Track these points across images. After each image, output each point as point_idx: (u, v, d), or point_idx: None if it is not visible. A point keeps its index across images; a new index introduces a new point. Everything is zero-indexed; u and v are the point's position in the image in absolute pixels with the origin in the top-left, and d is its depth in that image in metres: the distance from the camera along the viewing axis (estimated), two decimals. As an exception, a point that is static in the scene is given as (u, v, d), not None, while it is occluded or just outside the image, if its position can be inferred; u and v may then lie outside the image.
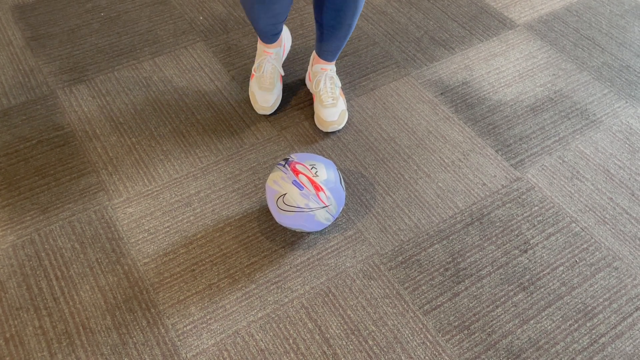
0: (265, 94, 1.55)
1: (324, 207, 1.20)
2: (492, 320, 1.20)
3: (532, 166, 1.48)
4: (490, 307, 1.22)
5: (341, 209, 1.28)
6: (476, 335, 1.18)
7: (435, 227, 1.35)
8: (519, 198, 1.41)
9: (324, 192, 1.20)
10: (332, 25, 1.38)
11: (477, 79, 1.70)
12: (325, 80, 1.54)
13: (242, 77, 1.68)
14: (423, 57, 1.76)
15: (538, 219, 1.37)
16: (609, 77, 1.72)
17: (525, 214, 1.38)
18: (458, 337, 1.17)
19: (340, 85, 1.56)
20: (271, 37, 1.49)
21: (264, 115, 1.57)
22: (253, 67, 1.60)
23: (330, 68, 1.54)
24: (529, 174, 1.46)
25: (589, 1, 1.98)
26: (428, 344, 1.16)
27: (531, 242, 1.33)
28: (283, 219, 1.24)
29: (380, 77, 1.70)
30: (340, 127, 1.53)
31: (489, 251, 1.31)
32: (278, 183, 1.23)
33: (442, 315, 1.20)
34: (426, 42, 1.81)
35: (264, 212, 1.36)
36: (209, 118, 1.57)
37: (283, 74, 1.63)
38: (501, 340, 1.17)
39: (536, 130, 1.57)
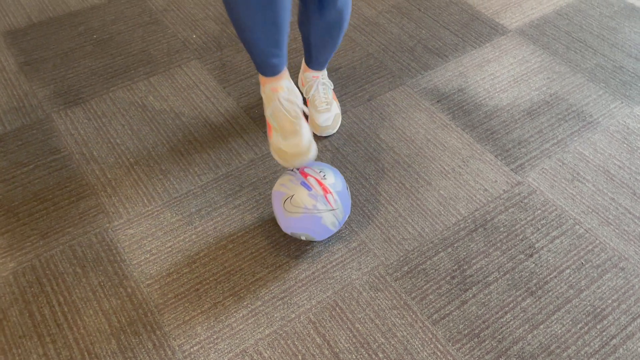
0: (293, 139, 1.23)
1: (331, 209, 1.20)
2: (501, 327, 1.19)
3: (532, 170, 1.48)
4: (499, 313, 1.21)
5: (347, 216, 1.27)
6: (487, 342, 1.17)
7: (439, 235, 1.34)
8: (521, 202, 1.41)
9: (332, 195, 1.20)
10: (318, 43, 1.39)
11: (473, 86, 1.70)
12: (317, 86, 1.55)
13: (238, 93, 1.68)
14: (417, 66, 1.77)
15: (541, 222, 1.37)
16: (603, 78, 1.72)
17: (528, 218, 1.37)
18: (469, 345, 1.16)
19: (332, 87, 1.58)
20: (275, 59, 1.22)
21: (297, 167, 1.27)
22: (267, 121, 1.30)
23: (322, 75, 1.56)
24: (529, 177, 1.46)
25: (578, 4, 2.00)
26: (439, 353, 1.15)
27: (536, 246, 1.32)
28: (289, 222, 1.22)
29: (376, 88, 1.70)
30: (334, 130, 1.55)
31: (495, 257, 1.30)
32: (286, 185, 1.22)
33: (452, 324, 1.19)
34: (420, 51, 1.82)
35: (267, 228, 1.35)
36: (206, 135, 1.56)
37: (305, 108, 1.32)
38: (512, 347, 1.16)
39: (534, 134, 1.57)
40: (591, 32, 1.89)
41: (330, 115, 1.54)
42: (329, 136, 1.54)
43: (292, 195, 1.20)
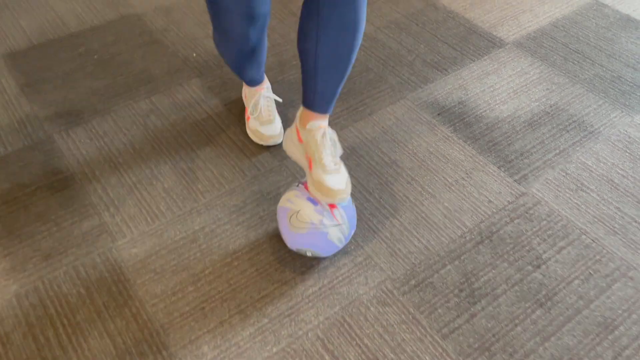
0: (269, 127, 1.55)
1: (337, 225, 1.19)
2: (512, 340, 1.18)
3: (536, 180, 1.48)
4: (509, 326, 1.20)
5: (353, 232, 1.26)
6: (498, 356, 1.15)
7: (445, 248, 1.33)
8: (527, 213, 1.40)
9: (338, 210, 1.20)
10: (326, 61, 1.14)
11: (473, 98, 1.71)
12: (325, 141, 1.22)
13: (240, 109, 1.68)
14: (417, 80, 1.77)
15: (548, 232, 1.36)
16: (602, 89, 1.73)
17: (534, 229, 1.37)
18: (480, 359, 1.15)
19: (341, 153, 1.28)
20: (256, 78, 1.51)
21: (268, 145, 1.57)
22: (247, 111, 1.60)
23: (326, 122, 1.27)
24: (533, 188, 1.46)
25: (573, 16, 2.02)
26: (449, 368, 1.14)
27: (543, 256, 1.31)
28: (295, 237, 1.21)
29: (377, 102, 1.70)
30: (348, 197, 1.19)
31: (502, 269, 1.29)
32: (291, 201, 1.22)
33: (462, 338, 1.18)
34: (419, 65, 1.83)
35: (272, 244, 1.34)
36: (208, 152, 1.56)
37: (280, 99, 1.64)
38: None
39: (536, 144, 1.57)
40: (588, 43, 1.90)
41: (342, 177, 1.20)
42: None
43: (298, 211, 1.20)
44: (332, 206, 1.19)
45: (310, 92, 1.21)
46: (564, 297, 1.24)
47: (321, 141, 1.22)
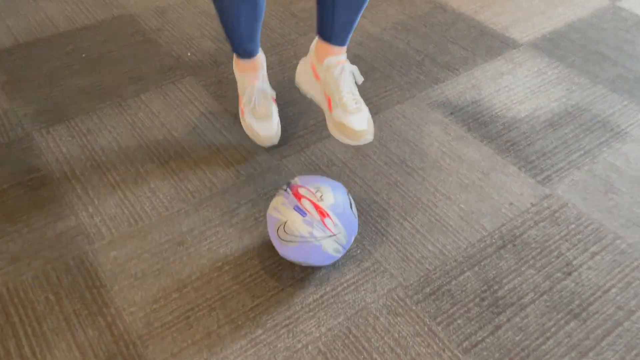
0: (265, 123, 1.39)
1: (330, 235, 1.04)
2: (544, 355, 1.02)
3: (561, 182, 1.34)
4: (540, 339, 1.04)
5: (353, 238, 1.11)
6: (528, 373, 0.99)
7: (463, 253, 1.19)
8: (553, 216, 1.26)
9: (331, 219, 1.04)
10: None
11: (487, 98, 1.58)
12: (345, 77, 1.19)
13: (236, 108, 1.55)
14: (426, 80, 1.65)
15: (577, 237, 1.21)
16: (626, 89, 1.61)
17: (562, 233, 1.22)
18: (507, 376, 0.99)
19: (361, 81, 1.27)
20: (251, 44, 1.30)
21: (267, 146, 1.42)
22: (241, 103, 1.43)
23: (345, 56, 1.24)
24: (559, 190, 1.32)
25: (590, 19, 1.91)
26: (473, 387, 0.97)
27: (574, 263, 1.16)
28: (286, 251, 1.07)
29: (384, 101, 1.57)
30: (372, 137, 1.22)
31: (529, 276, 1.14)
32: (278, 210, 1.07)
33: (485, 353, 1.02)
34: (428, 65, 1.71)
35: (267, 248, 1.20)
36: (200, 151, 1.42)
37: (274, 94, 1.45)
38: (559, 378, 0.99)
39: (558, 145, 1.44)
40: (607, 45, 1.79)
41: (363, 116, 1.21)
42: (329, 150, 1.40)
43: (285, 222, 1.05)
44: (322, 215, 1.04)
45: (327, 22, 1.15)
46: (600, 307, 1.09)
47: (341, 79, 1.18)
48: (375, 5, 1.99)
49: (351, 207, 1.10)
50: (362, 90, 1.61)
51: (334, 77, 1.17)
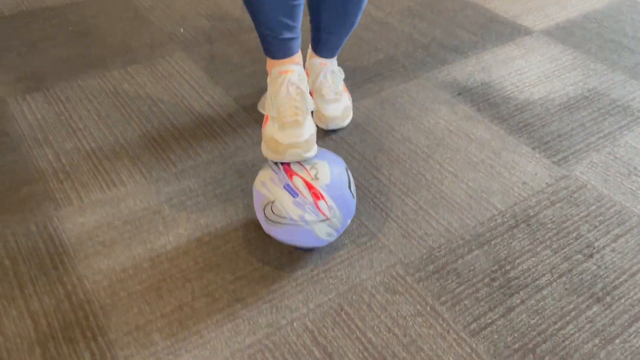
0: (292, 131, 0.96)
1: (324, 220, 0.91)
2: (564, 341, 0.88)
3: (579, 163, 1.22)
4: (559, 323, 0.91)
5: (349, 221, 0.98)
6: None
7: (471, 231, 1.06)
8: (570, 197, 1.14)
9: (325, 202, 0.91)
10: (331, 27, 1.18)
11: (498, 80, 1.48)
12: (325, 74, 1.28)
13: (227, 83, 1.45)
14: (433, 61, 1.55)
15: (598, 219, 1.09)
16: (646, 76, 1.50)
17: (581, 214, 1.10)
18: (522, 363, 0.85)
19: (343, 77, 1.32)
20: (286, 40, 1.05)
21: (286, 162, 0.98)
22: (265, 107, 1.07)
23: (331, 62, 1.30)
24: (576, 171, 1.20)
25: (606, 10, 1.82)
26: (482, 373, 0.84)
27: (596, 245, 1.04)
28: (272, 232, 0.95)
29: (387, 80, 1.47)
30: (344, 124, 1.29)
31: (544, 256, 1.01)
32: (266, 185, 0.94)
33: (496, 336, 0.89)
34: (435, 47, 1.61)
35: (253, 220, 1.07)
36: (187, 123, 1.31)
37: (314, 108, 1.09)
38: (582, 366, 0.85)
39: (575, 127, 1.32)
40: (625, 35, 1.69)
41: (339, 105, 1.28)
42: (335, 130, 1.29)
43: (273, 202, 0.92)
44: (316, 197, 0.91)
45: (315, 39, 1.23)
46: (626, 291, 0.96)
47: (323, 75, 1.27)
48: (380, -9, 1.90)
49: (349, 186, 0.97)
50: (364, 69, 1.51)
51: (317, 76, 1.28)
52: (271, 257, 1.00)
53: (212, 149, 1.23)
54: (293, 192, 0.91)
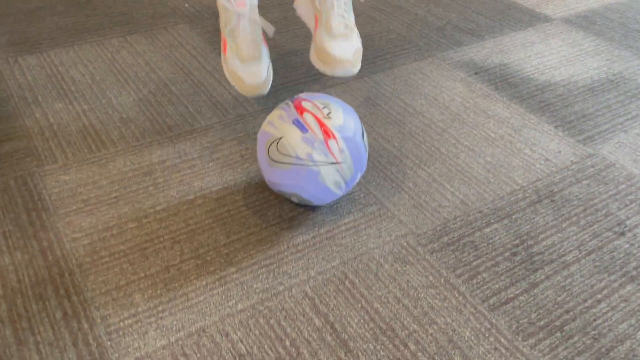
0: (251, 66, 1.07)
1: (333, 163, 0.83)
2: (595, 320, 0.78)
3: (606, 143, 1.13)
4: (589, 301, 0.81)
5: (359, 175, 0.90)
6: (576, 339, 0.76)
7: (490, 205, 0.97)
8: (598, 175, 1.05)
9: (336, 142, 0.83)
10: None
11: (517, 62, 1.40)
12: None
13: (231, 53, 1.37)
14: (448, 42, 1.47)
15: (629, 197, 1.00)
16: (673, 64, 1.42)
17: (610, 192, 1.01)
18: (548, 341, 0.75)
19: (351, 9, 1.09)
20: None
21: (253, 97, 1.14)
22: (222, 34, 1.13)
23: None
24: (603, 150, 1.11)
25: (629, 2, 1.74)
26: (503, 350, 0.74)
27: (627, 223, 0.94)
28: (275, 175, 0.86)
29: (399, 58, 1.39)
30: (354, 71, 1.04)
31: (571, 233, 0.92)
32: (273, 124, 0.86)
33: (519, 312, 0.79)
34: (450, 30, 1.53)
35: (253, 185, 0.98)
36: (186, 89, 1.23)
37: (272, 30, 1.11)
38: (616, 347, 0.75)
39: (600, 108, 1.24)
40: (649, 25, 1.61)
41: (350, 45, 1.04)
42: (341, 82, 1.20)
43: (280, 138, 0.84)
44: (327, 135, 0.83)
45: None
46: (664, 272, 0.86)
47: (330, 1, 1.00)
48: (394, -23, 1.84)
49: (363, 136, 0.89)
50: (376, 47, 1.43)
51: None
52: (270, 221, 0.91)
53: (211, 116, 1.15)
54: (302, 128, 0.83)
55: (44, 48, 1.36)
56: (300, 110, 0.86)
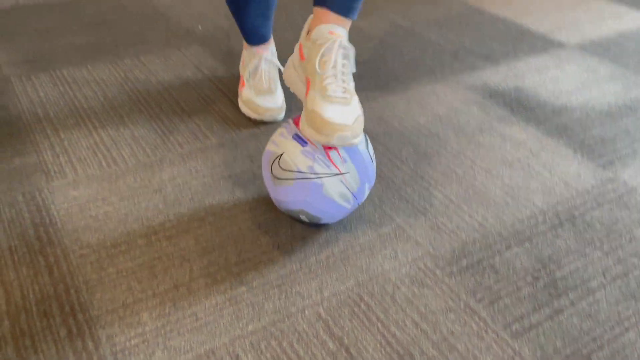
0: (267, 97, 1.17)
1: (336, 174, 0.80)
2: (624, 349, 0.75)
3: (626, 167, 1.10)
4: (617, 329, 0.77)
5: (368, 187, 0.87)
6: (604, 368, 0.72)
7: (509, 228, 0.94)
8: (620, 200, 1.02)
9: (337, 153, 0.81)
10: None
11: (532, 86, 1.38)
12: (335, 53, 0.84)
13: (244, 73, 1.36)
14: (462, 66, 1.46)
15: (653, 223, 0.97)
16: (691, 91, 1.40)
17: (633, 217, 0.98)
18: (575, 370, 0.71)
19: (354, 70, 0.90)
20: (261, 33, 1.18)
21: (263, 120, 1.18)
22: (243, 75, 1.22)
23: (344, 33, 0.88)
24: (625, 175, 1.08)
25: (643, 31, 1.74)
26: (528, 379, 0.70)
27: (652, 248, 0.91)
28: (280, 193, 0.84)
29: (413, 81, 1.38)
30: (356, 141, 0.80)
31: (594, 258, 0.89)
32: (275, 142, 0.85)
33: (543, 339, 0.75)
34: (463, 54, 1.53)
35: (264, 203, 0.96)
36: (198, 108, 1.22)
37: (282, 67, 1.20)
38: (647, 377, 0.71)
39: (620, 132, 1.21)
40: (665, 53, 1.60)
41: (350, 109, 0.82)
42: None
43: (281, 155, 0.82)
44: (327, 147, 0.82)
45: None
46: (693, 300, 0.82)
47: (333, 54, 0.83)
48: (407, 3, 1.85)
49: (367, 145, 0.87)
50: (388, 70, 1.42)
51: (319, 51, 0.83)
52: (282, 241, 0.88)
53: (222, 134, 1.14)
54: (302, 141, 0.82)
55: (58, 66, 1.36)
56: (299, 125, 0.84)
